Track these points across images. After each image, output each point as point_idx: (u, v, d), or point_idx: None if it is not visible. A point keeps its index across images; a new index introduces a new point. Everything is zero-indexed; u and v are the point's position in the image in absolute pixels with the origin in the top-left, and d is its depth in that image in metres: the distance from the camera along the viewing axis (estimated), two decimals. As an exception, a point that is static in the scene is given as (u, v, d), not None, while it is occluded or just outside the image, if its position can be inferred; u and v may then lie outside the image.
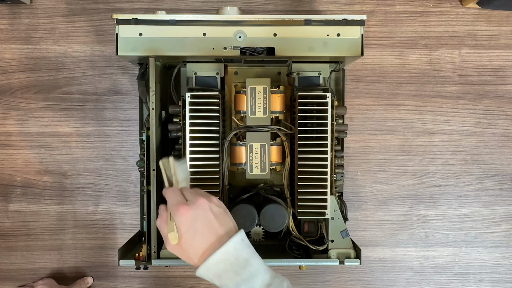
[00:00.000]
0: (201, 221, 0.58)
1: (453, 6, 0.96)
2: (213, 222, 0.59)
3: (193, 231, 0.58)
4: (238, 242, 0.58)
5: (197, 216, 0.58)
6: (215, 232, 0.59)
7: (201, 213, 0.59)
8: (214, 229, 0.59)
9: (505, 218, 0.98)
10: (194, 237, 0.58)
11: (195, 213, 0.58)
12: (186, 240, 0.58)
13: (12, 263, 0.97)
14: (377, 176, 0.97)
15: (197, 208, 0.59)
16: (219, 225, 0.59)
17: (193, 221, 0.58)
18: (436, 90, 0.96)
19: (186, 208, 0.58)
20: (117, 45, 0.75)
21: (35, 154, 0.96)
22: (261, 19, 0.75)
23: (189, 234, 0.58)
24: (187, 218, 0.58)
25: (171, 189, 0.63)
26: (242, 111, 0.79)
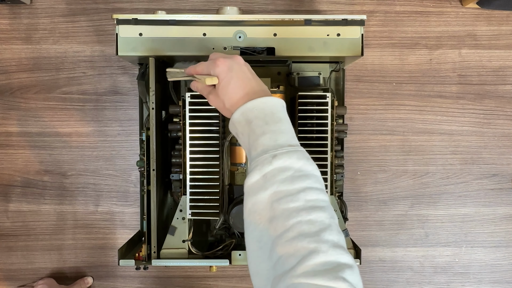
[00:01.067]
0: (236, 71, 0.60)
1: (453, 6, 0.96)
2: (247, 74, 0.61)
3: (229, 78, 0.60)
4: (279, 103, 0.59)
5: (232, 67, 0.60)
6: (249, 84, 0.60)
7: (236, 65, 0.61)
8: (248, 80, 0.60)
9: (505, 218, 0.98)
10: (230, 82, 0.60)
11: (231, 64, 0.60)
12: (222, 87, 0.60)
13: (12, 263, 0.97)
14: (377, 176, 0.97)
15: (233, 60, 0.61)
16: (254, 80, 0.61)
17: (229, 70, 0.60)
18: (436, 90, 0.96)
19: (223, 60, 0.61)
20: (117, 45, 0.75)
21: (35, 154, 0.96)
22: (261, 19, 0.75)
23: (225, 81, 0.60)
24: (223, 67, 0.60)
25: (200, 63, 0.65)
26: (242, 111, 0.79)
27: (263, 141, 0.56)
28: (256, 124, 0.57)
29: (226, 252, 0.80)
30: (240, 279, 0.98)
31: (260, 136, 0.56)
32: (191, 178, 0.76)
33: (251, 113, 0.57)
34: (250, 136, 0.57)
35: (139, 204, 0.95)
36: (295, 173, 0.53)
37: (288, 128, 0.58)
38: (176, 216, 0.78)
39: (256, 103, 0.58)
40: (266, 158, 0.54)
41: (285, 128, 0.57)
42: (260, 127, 0.57)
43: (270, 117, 0.57)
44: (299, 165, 0.54)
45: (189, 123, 0.76)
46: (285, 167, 0.53)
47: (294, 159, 0.54)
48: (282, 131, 0.57)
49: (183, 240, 0.78)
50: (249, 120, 0.57)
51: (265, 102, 0.58)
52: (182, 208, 0.78)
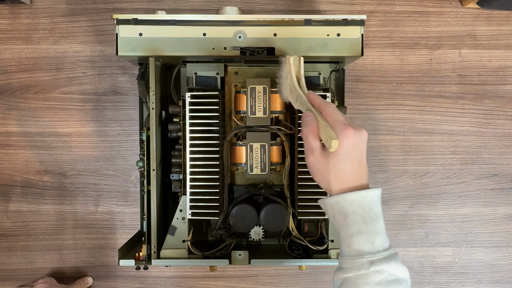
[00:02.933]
0: (358, 151, 0.56)
1: (453, 6, 0.96)
2: (363, 158, 0.57)
3: (348, 156, 0.56)
4: (376, 195, 0.57)
5: (357, 145, 0.56)
6: (362, 169, 0.57)
7: (361, 144, 0.57)
8: (363, 165, 0.57)
9: (505, 218, 0.98)
10: (346, 162, 0.56)
11: (357, 141, 0.56)
12: (337, 161, 0.56)
13: (12, 263, 0.97)
14: (377, 176, 0.97)
15: (361, 137, 0.57)
16: (366, 167, 0.58)
17: (353, 148, 0.56)
18: (436, 90, 0.96)
19: (353, 133, 0.55)
20: (117, 45, 0.75)
21: (35, 154, 0.96)
22: (261, 19, 0.75)
23: (344, 157, 0.56)
24: (349, 142, 0.55)
25: (331, 104, 0.60)
26: (242, 111, 0.79)
27: (359, 242, 0.55)
28: (352, 220, 0.55)
29: (226, 252, 0.80)
30: (240, 279, 0.98)
31: (356, 235, 0.55)
32: (191, 178, 0.76)
33: (349, 207, 0.56)
34: (343, 229, 0.56)
35: (139, 204, 0.95)
36: (388, 276, 0.53)
37: (382, 225, 0.57)
38: (176, 216, 0.78)
39: (356, 196, 0.55)
40: (363, 264, 0.54)
41: (380, 227, 0.56)
42: (357, 225, 0.55)
43: (368, 214, 0.55)
44: (392, 269, 0.54)
45: (189, 123, 0.76)
46: (380, 270, 0.53)
47: (391, 265, 0.54)
48: (378, 231, 0.56)
49: (183, 240, 0.78)
50: (345, 213, 0.56)
51: (365, 196, 0.56)
52: (182, 208, 0.78)
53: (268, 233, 0.86)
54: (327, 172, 0.57)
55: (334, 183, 0.57)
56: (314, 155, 0.58)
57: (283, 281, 0.98)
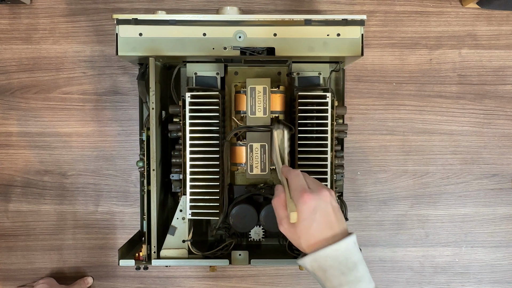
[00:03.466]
0: (321, 212, 0.59)
1: (453, 6, 0.96)
2: (331, 217, 0.59)
3: (311, 220, 0.58)
4: (350, 244, 0.59)
5: (318, 207, 0.59)
6: (331, 227, 0.59)
7: (322, 205, 0.59)
8: (331, 224, 0.59)
9: (505, 218, 0.98)
10: (311, 226, 0.58)
11: (317, 204, 0.59)
12: (302, 227, 0.59)
13: (12, 263, 0.97)
14: (377, 176, 0.97)
15: (320, 199, 0.59)
16: (336, 221, 0.60)
17: (314, 211, 0.59)
18: (436, 90, 0.96)
19: (310, 197, 0.59)
20: (117, 45, 0.75)
21: (35, 154, 0.96)
22: (261, 19, 0.75)
23: (307, 222, 0.58)
24: (309, 207, 0.58)
25: (295, 172, 0.63)
26: (242, 111, 0.79)
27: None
28: (331, 274, 0.57)
29: (226, 252, 0.80)
30: (240, 279, 0.98)
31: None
32: (191, 178, 0.76)
33: (325, 262, 0.57)
34: (326, 284, 0.58)
35: (139, 204, 0.95)
36: None
37: (363, 271, 0.58)
38: (176, 216, 0.78)
39: (329, 251, 0.57)
40: None
41: (360, 275, 0.58)
42: (336, 278, 0.57)
43: (345, 265, 0.57)
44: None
45: (189, 123, 0.76)
46: None
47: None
48: (358, 279, 0.57)
49: (183, 240, 0.78)
50: (323, 269, 0.58)
51: (338, 248, 0.57)
52: (182, 208, 0.78)
53: (268, 233, 0.86)
54: (298, 238, 0.60)
55: (305, 245, 0.59)
56: (283, 225, 0.62)
57: (283, 281, 0.98)
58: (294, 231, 0.60)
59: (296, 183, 0.62)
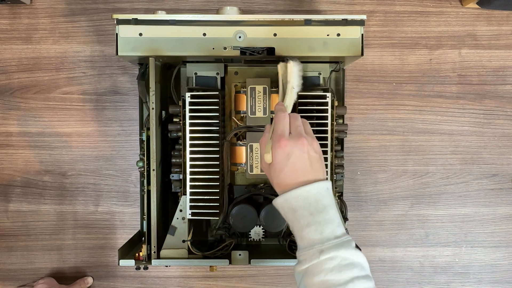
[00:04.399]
0: (294, 158, 0.60)
1: (453, 6, 0.96)
2: (305, 164, 0.60)
3: (283, 165, 0.60)
4: (322, 188, 0.60)
5: (292, 153, 0.60)
6: (303, 174, 0.60)
7: (296, 152, 0.60)
8: (303, 170, 0.60)
9: (505, 218, 0.98)
10: (283, 170, 0.60)
11: (291, 150, 0.60)
12: (275, 169, 0.61)
13: (12, 263, 0.97)
14: (377, 176, 0.97)
15: (295, 147, 0.60)
16: (310, 169, 0.61)
17: (287, 156, 0.60)
18: (436, 90, 0.96)
19: (286, 143, 0.60)
20: (117, 45, 0.75)
21: (35, 154, 0.96)
22: (261, 19, 0.75)
23: (279, 166, 0.60)
24: (283, 151, 0.60)
25: (282, 115, 0.63)
26: (242, 111, 0.79)
27: (309, 234, 0.58)
28: (300, 214, 0.58)
29: (226, 252, 0.80)
30: (240, 279, 0.98)
31: (305, 228, 0.58)
32: (191, 178, 0.76)
33: (296, 203, 0.59)
34: (295, 224, 0.59)
35: (139, 204, 0.95)
36: (342, 261, 0.55)
37: (333, 215, 0.59)
38: (176, 216, 0.78)
39: (300, 192, 0.59)
40: (314, 253, 0.56)
41: (329, 217, 0.58)
42: (304, 218, 0.58)
43: (314, 207, 0.58)
44: (344, 255, 0.56)
45: (189, 123, 0.76)
46: (332, 257, 0.55)
47: (341, 251, 0.56)
48: (326, 221, 0.58)
49: (183, 240, 0.78)
50: (293, 209, 0.59)
51: (309, 190, 0.59)
52: (182, 208, 0.78)
53: (268, 233, 0.86)
54: (272, 178, 0.62)
55: (277, 186, 0.62)
56: (262, 164, 0.64)
57: (283, 281, 0.98)
58: (269, 171, 0.62)
59: (278, 126, 0.62)
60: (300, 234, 0.58)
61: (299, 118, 0.65)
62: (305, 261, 0.57)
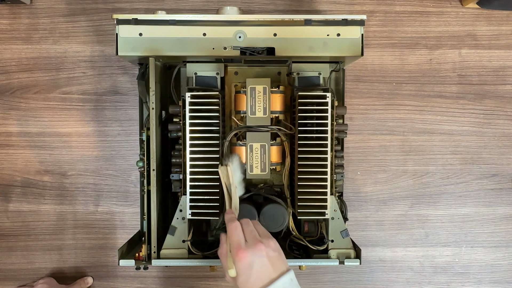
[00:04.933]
0: (257, 266, 0.62)
1: (453, 6, 0.96)
2: (267, 267, 0.63)
3: (248, 275, 0.62)
4: (287, 282, 0.62)
5: (253, 262, 0.62)
6: (268, 276, 0.62)
7: (257, 260, 0.62)
8: (268, 273, 0.62)
9: (505, 218, 0.98)
10: (249, 279, 0.62)
11: (252, 260, 0.62)
12: (242, 280, 0.63)
13: (12, 263, 0.97)
14: (377, 176, 0.97)
15: (254, 254, 0.63)
16: (273, 270, 0.63)
17: (249, 266, 0.62)
18: (436, 90, 0.96)
19: (245, 254, 0.62)
20: (117, 45, 0.75)
21: (35, 154, 0.96)
22: (261, 19, 0.75)
23: (245, 277, 0.62)
24: (244, 263, 0.62)
25: (233, 225, 0.66)
26: (242, 111, 0.79)
27: None
28: None
29: (226, 252, 0.80)
30: (240, 279, 0.98)
31: None
32: (191, 178, 0.76)
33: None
34: None
35: (139, 204, 0.95)
36: None
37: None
38: (176, 216, 0.78)
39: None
40: None
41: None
42: None
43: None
44: None
45: (189, 123, 0.76)
46: None
47: None
48: None
49: (183, 240, 0.78)
50: None
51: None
52: (182, 208, 0.78)
53: (268, 233, 0.86)
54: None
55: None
56: (226, 276, 0.65)
57: (283, 281, 0.98)
58: (235, 283, 0.64)
59: (233, 237, 0.64)
60: None
61: (250, 222, 0.67)
62: None
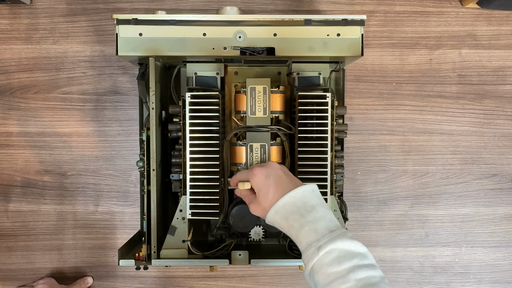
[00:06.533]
0: (273, 177, 0.65)
1: (453, 6, 0.96)
2: (283, 178, 0.65)
3: (268, 186, 0.64)
4: (307, 190, 0.63)
5: (269, 173, 0.65)
6: (286, 185, 0.64)
7: (272, 171, 0.65)
8: (285, 182, 0.65)
9: (505, 218, 0.98)
10: (269, 190, 0.64)
11: (267, 171, 0.65)
12: (262, 195, 0.65)
13: (12, 263, 0.97)
14: (377, 176, 0.97)
15: (269, 167, 0.66)
16: (290, 180, 0.65)
17: (266, 178, 0.65)
18: (436, 90, 0.96)
19: (260, 169, 0.66)
20: (117, 45, 0.75)
21: (35, 154, 0.96)
22: (261, 19, 0.75)
23: (264, 189, 0.64)
24: (261, 176, 0.65)
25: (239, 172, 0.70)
26: (242, 111, 0.79)
27: (305, 235, 0.60)
28: (292, 219, 0.61)
29: (226, 252, 0.80)
30: (240, 279, 0.98)
31: (299, 230, 0.60)
32: (191, 178, 0.76)
33: (285, 210, 0.62)
34: (291, 231, 0.62)
35: (139, 204, 0.95)
36: (340, 253, 0.57)
37: (323, 212, 0.62)
38: (176, 216, 0.78)
39: (286, 199, 0.62)
40: (313, 252, 0.58)
41: (320, 215, 0.61)
42: (297, 221, 0.61)
43: (303, 208, 0.62)
44: (342, 246, 0.58)
45: (189, 123, 0.76)
46: (330, 250, 0.57)
47: (337, 243, 0.57)
48: (318, 218, 0.61)
49: (183, 240, 0.78)
50: (285, 217, 0.62)
51: (294, 195, 0.63)
52: (182, 208, 0.78)
53: (268, 233, 0.86)
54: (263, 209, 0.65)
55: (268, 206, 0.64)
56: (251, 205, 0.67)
57: (283, 281, 0.98)
58: (258, 203, 0.65)
59: (243, 170, 0.70)
60: (298, 238, 0.61)
61: None
62: (308, 261, 0.58)
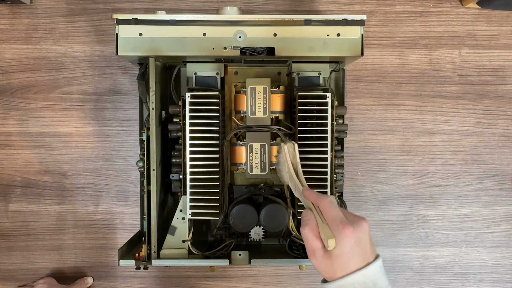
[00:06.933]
0: (362, 244, 0.56)
1: (453, 6, 0.96)
2: (368, 247, 0.57)
3: (352, 254, 0.55)
4: (377, 269, 0.56)
5: (359, 240, 0.56)
6: (367, 256, 0.57)
7: (362, 237, 0.56)
8: (367, 254, 0.57)
9: (505, 218, 0.98)
10: (351, 261, 0.55)
11: (358, 237, 0.56)
12: (341, 261, 0.55)
13: (12, 263, 0.97)
14: (377, 176, 0.97)
15: (360, 231, 0.56)
16: (371, 250, 0.57)
17: (356, 244, 0.55)
18: (436, 90, 0.96)
19: (352, 231, 0.55)
20: (117, 45, 0.75)
21: (35, 154, 0.96)
22: (261, 19, 0.75)
23: (347, 257, 0.55)
24: (351, 240, 0.55)
25: (327, 198, 0.59)
26: (242, 111, 0.79)
27: None
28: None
29: (226, 252, 0.80)
30: (240, 279, 0.98)
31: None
32: (191, 178, 0.76)
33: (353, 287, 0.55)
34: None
35: (139, 204, 0.95)
36: None
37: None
38: (176, 216, 0.78)
39: (357, 277, 0.54)
40: None
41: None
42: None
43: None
44: None
45: (189, 123, 0.76)
46: None
47: None
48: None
49: (183, 240, 0.78)
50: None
51: (365, 274, 0.55)
52: (182, 208, 0.78)
53: (268, 233, 0.86)
54: (333, 273, 0.56)
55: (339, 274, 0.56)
56: (316, 257, 0.57)
57: (283, 281, 0.98)
58: (331, 264, 0.56)
59: (333, 212, 0.57)
60: None
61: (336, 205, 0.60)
62: None
